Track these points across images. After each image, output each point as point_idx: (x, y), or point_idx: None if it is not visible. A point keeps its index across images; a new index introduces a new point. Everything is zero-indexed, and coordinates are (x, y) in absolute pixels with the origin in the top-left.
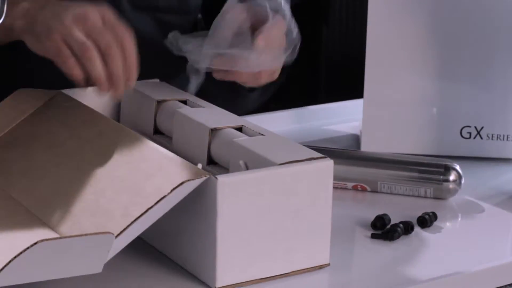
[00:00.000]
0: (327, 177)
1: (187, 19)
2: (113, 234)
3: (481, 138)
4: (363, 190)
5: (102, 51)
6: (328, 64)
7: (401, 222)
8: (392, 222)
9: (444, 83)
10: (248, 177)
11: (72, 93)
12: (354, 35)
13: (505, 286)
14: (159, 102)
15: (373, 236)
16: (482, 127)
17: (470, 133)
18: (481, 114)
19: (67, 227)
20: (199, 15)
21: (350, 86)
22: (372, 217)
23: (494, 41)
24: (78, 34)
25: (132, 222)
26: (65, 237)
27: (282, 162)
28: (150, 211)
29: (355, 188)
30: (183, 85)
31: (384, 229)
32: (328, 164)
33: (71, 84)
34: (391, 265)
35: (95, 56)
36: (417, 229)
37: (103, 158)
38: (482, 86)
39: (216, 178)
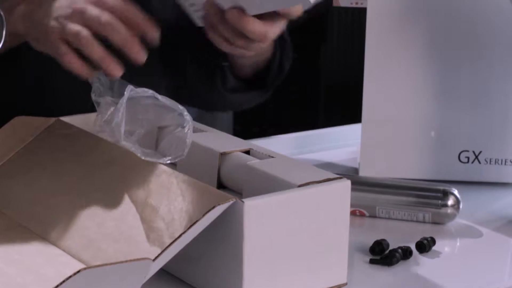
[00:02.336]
0: (345, 197)
1: None
2: (151, 259)
3: (479, 162)
4: (362, 215)
5: (103, 32)
6: (326, 89)
7: (399, 247)
8: (391, 247)
9: (442, 107)
10: (273, 199)
11: (71, 120)
12: (352, 60)
13: None
14: (160, 128)
15: (372, 261)
16: (480, 152)
17: (468, 158)
18: (479, 138)
19: (89, 255)
20: None
21: (348, 111)
22: (371, 242)
23: (492, 66)
24: (71, 27)
25: (166, 248)
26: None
27: (302, 184)
28: (182, 236)
29: (353, 213)
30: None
31: (382, 254)
32: (345, 184)
33: (77, 91)
34: None
35: (90, 39)
36: (415, 254)
37: (118, 184)
38: (480, 110)
39: (243, 201)
